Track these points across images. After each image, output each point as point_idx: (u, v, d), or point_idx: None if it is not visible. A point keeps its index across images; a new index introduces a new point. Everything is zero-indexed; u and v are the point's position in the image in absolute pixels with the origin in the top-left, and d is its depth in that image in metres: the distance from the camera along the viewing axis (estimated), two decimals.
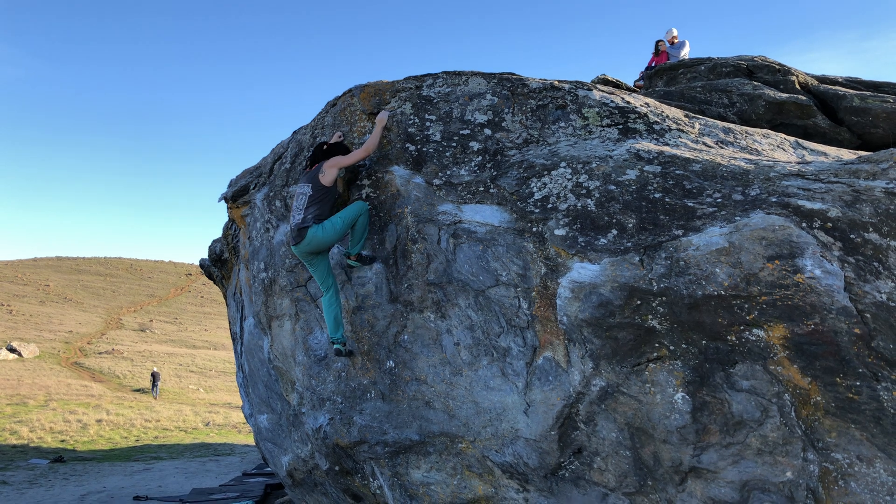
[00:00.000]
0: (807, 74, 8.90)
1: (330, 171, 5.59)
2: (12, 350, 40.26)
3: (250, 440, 20.69)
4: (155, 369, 33.59)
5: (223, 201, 8.13)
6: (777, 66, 8.87)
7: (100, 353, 45.27)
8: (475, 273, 5.03)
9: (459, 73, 6.05)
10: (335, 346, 5.64)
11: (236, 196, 7.74)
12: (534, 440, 4.65)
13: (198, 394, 33.26)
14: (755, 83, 8.29)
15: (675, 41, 13.15)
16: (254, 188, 7.49)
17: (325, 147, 5.83)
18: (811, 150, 5.38)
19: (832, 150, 5.45)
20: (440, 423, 5.22)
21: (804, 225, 3.80)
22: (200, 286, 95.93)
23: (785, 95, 7.92)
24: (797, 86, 8.52)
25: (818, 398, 3.61)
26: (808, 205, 3.88)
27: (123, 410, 25.00)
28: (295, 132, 7.34)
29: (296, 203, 5.62)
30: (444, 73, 6.12)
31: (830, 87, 8.50)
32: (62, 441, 19.02)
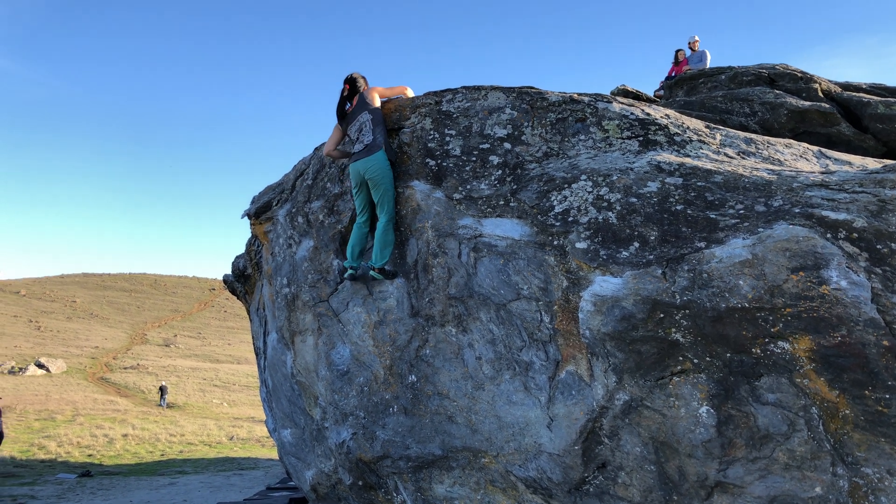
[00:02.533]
0: (830, 81, 8.81)
1: (371, 95, 6.21)
2: (40, 366, 40.88)
3: (274, 454, 20.74)
4: (163, 383, 34.74)
5: (246, 217, 8.21)
6: (799, 74, 8.79)
7: (125, 369, 45.78)
8: (496, 287, 5.03)
9: (479, 88, 6.08)
10: (349, 270, 6.07)
11: (259, 212, 7.82)
12: (557, 455, 4.62)
13: (221, 408, 33.47)
14: (777, 91, 8.22)
15: (697, 47, 13.12)
16: (276, 204, 7.55)
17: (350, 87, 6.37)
18: (835, 159, 5.32)
19: (857, 159, 5.38)
20: (463, 438, 5.20)
21: (829, 236, 3.76)
22: (224, 301, 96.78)
23: (807, 103, 7.84)
24: (820, 93, 8.43)
25: (847, 411, 3.55)
26: (833, 215, 3.83)
27: (148, 425, 25.21)
28: (316, 148, 7.40)
29: (360, 133, 6.09)
30: (464, 87, 6.15)
31: (854, 94, 8.40)
32: (89, 455, 19.21)
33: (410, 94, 6.52)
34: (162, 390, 33.11)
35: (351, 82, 6.31)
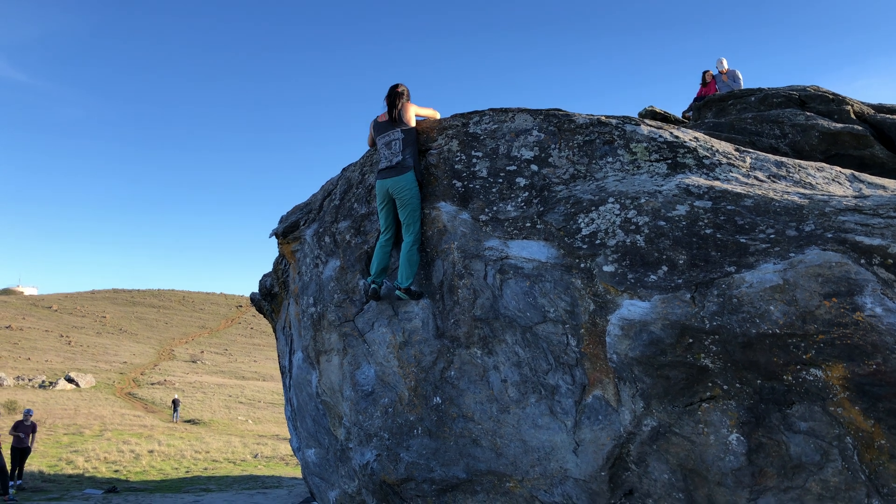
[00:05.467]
0: (862, 103, 8.70)
1: (407, 114, 6.18)
2: (70, 380, 41.46)
3: (297, 473, 20.73)
4: (176, 396, 35.43)
5: (274, 237, 8.29)
6: (830, 96, 8.69)
7: (152, 384, 46.20)
8: (522, 309, 5.00)
9: (506, 110, 6.09)
10: (372, 285, 6.05)
11: (287, 232, 7.88)
12: (583, 480, 4.56)
13: (246, 425, 33.58)
14: (808, 113, 8.13)
15: (725, 70, 13.01)
16: (304, 224, 7.62)
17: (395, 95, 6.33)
18: (868, 183, 5.24)
19: (891, 183, 5.29)
20: (487, 462, 5.16)
21: (863, 261, 3.69)
22: (250, 318, 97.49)
23: (839, 125, 7.74)
24: (852, 115, 8.32)
25: (882, 441, 3.47)
26: (867, 241, 3.76)
27: (174, 441, 25.36)
28: (344, 169, 7.46)
29: (387, 150, 6.09)
30: (491, 110, 6.17)
31: (888, 115, 8.28)
32: (115, 471, 19.35)
33: (438, 116, 6.55)
34: (175, 403, 33.63)
35: (393, 93, 6.26)
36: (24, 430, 16.43)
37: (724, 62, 13.03)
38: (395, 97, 6.22)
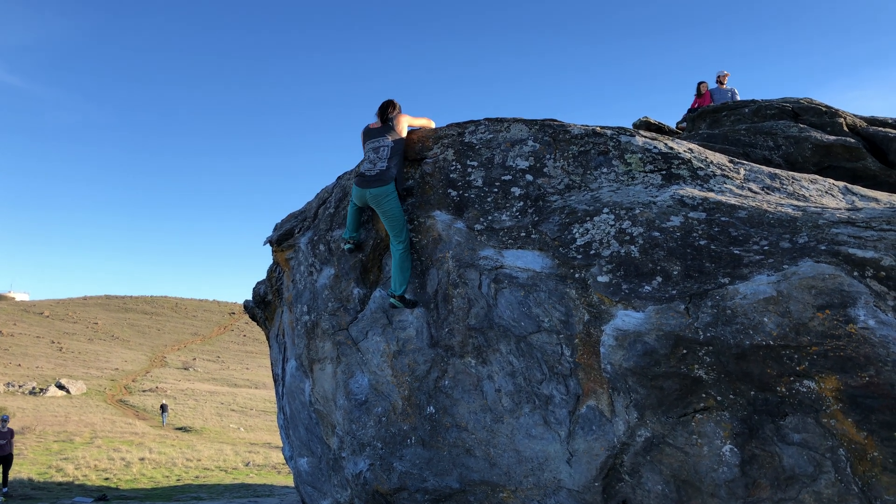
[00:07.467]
0: (855, 116, 8.75)
1: (399, 125, 6.24)
2: (61, 387, 41.23)
3: (289, 481, 20.63)
4: (164, 402, 36.29)
5: (268, 244, 8.27)
6: (823, 108, 8.75)
7: (144, 391, 45.96)
8: (517, 319, 5.00)
9: (501, 120, 6.11)
10: (346, 244, 6.48)
11: (281, 239, 7.87)
12: (577, 491, 4.56)
13: (238, 433, 33.41)
14: (801, 125, 8.17)
15: (725, 82, 13.10)
16: (298, 232, 7.61)
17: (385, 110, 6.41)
18: (861, 195, 5.27)
19: (884, 196, 5.32)
20: (481, 472, 5.15)
21: (856, 274, 3.71)
22: (243, 325, 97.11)
23: (832, 138, 7.79)
24: (845, 128, 8.37)
25: (875, 454, 3.47)
26: (860, 253, 3.78)
27: (166, 449, 25.21)
28: (339, 177, 7.46)
29: (374, 154, 6.10)
30: (487, 119, 6.19)
31: (880, 128, 8.33)
32: (106, 479, 19.21)
33: (433, 126, 6.58)
34: (163, 408, 33.94)
35: (387, 103, 6.35)
36: (2, 437, 16.19)
37: (727, 73, 13.13)
38: (388, 107, 6.30)
